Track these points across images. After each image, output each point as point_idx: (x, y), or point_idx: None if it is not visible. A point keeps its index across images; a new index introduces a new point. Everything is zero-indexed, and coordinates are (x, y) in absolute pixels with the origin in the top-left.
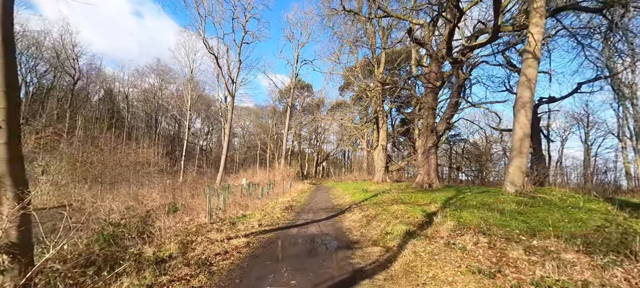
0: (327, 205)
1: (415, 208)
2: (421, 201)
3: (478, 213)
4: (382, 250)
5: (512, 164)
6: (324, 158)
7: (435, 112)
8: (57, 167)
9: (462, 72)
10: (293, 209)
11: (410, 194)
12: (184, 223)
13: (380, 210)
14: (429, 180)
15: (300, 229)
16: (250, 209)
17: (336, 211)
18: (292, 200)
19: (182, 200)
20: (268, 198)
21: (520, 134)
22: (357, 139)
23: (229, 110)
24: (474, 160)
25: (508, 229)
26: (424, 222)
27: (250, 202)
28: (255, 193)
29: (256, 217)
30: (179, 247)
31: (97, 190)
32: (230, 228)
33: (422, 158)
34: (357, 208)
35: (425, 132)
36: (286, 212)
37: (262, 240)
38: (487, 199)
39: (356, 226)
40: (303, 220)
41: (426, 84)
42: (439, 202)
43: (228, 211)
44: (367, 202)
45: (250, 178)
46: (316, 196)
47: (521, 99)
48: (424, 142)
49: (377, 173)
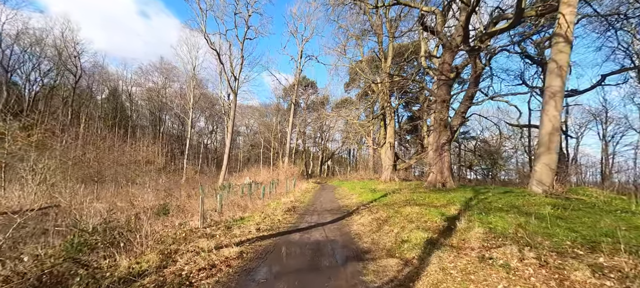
0: (332, 206)
1: (431, 210)
2: (436, 202)
3: (510, 218)
4: (400, 263)
5: (540, 161)
6: (328, 156)
7: (448, 106)
8: (46, 165)
9: (480, 61)
10: (296, 210)
11: (423, 194)
12: (173, 228)
13: (392, 213)
14: (442, 179)
15: (303, 235)
16: (250, 211)
17: (343, 213)
18: (295, 200)
19: (177, 200)
20: (270, 198)
21: (549, 127)
22: (362, 136)
23: (232, 107)
24: (488, 157)
25: (556, 240)
26: (445, 228)
27: (250, 203)
28: (257, 193)
29: (255, 219)
30: (159, 259)
31: (91, 189)
32: (224, 233)
33: (434, 155)
34: (365, 210)
35: (438, 127)
36: (288, 214)
37: (259, 249)
38: (514, 201)
39: (366, 231)
40: (306, 223)
41: (439, 76)
42: (458, 204)
43: (225, 213)
44: (376, 202)
45: (254, 177)
46: (321, 196)
47: (550, 89)
48: (436, 138)
49: (385, 172)
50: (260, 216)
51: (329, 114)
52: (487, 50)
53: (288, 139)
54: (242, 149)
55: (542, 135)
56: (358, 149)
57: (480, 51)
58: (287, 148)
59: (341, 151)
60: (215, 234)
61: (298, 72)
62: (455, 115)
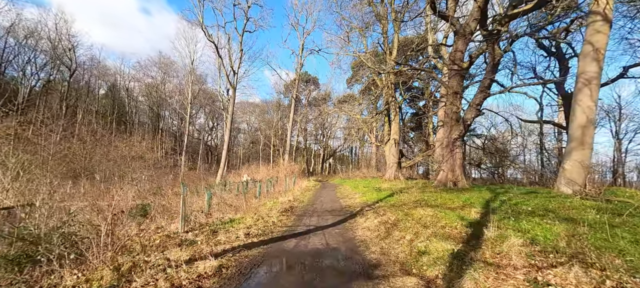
0: (334, 206)
1: (447, 213)
2: (451, 203)
3: (550, 226)
4: (421, 284)
5: (571, 158)
6: (330, 154)
7: (461, 99)
8: (20, 159)
9: (499, 47)
10: (294, 211)
11: (434, 194)
12: (148, 233)
13: (401, 215)
14: (453, 177)
15: (299, 241)
16: (243, 211)
17: (345, 214)
18: (294, 199)
19: (165, 199)
20: (268, 197)
21: (582, 119)
22: (365, 133)
23: (231, 102)
24: (499, 155)
25: (629, 258)
26: (469, 236)
27: (245, 202)
28: (253, 191)
29: (246, 222)
30: (113, 277)
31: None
32: (207, 239)
33: (445, 152)
34: (370, 212)
35: (450, 121)
36: (285, 216)
37: (243, 262)
38: (544, 203)
39: (373, 237)
40: (304, 226)
41: (450, 66)
42: (478, 206)
43: (214, 214)
44: (382, 203)
45: (253, 175)
46: (321, 195)
47: (585, 75)
48: (447, 133)
49: (389, 170)
50: (253, 218)
51: (330, 110)
52: (509, 34)
53: (288, 135)
54: (243, 146)
55: (574, 129)
56: (360, 147)
57: (499, 36)
58: (287, 146)
59: (343, 149)
60: (196, 240)
61: (299, 66)
62: (469, 107)
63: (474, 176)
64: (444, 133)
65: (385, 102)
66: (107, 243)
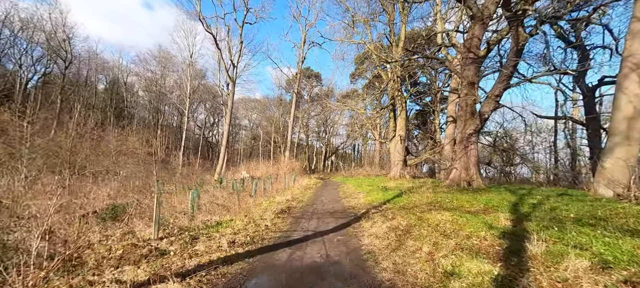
0: (336, 207)
1: (470, 219)
2: (470, 206)
3: (613, 241)
4: None
5: (613, 155)
6: (332, 152)
7: (477, 90)
8: None
9: (524, 30)
10: (291, 212)
11: (448, 195)
12: (113, 240)
13: (414, 220)
14: (467, 176)
15: (294, 252)
16: (234, 212)
17: (348, 217)
18: (292, 198)
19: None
20: (265, 195)
21: (628, 110)
22: (368, 130)
23: (230, 97)
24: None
25: None
26: (506, 251)
27: (239, 202)
28: (249, 189)
29: (235, 225)
30: None
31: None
32: (182, 249)
33: (458, 148)
34: (377, 215)
35: (464, 115)
36: (280, 218)
37: (218, 284)
38: (589, 209)
39: (382, 247)
40: (302, 231)
41: (465, 55)
42: (504, 210)
43: (200, 216)
44: (390, 204)
45: (252, 172)
46: (323, 194)
47: (632, 58)
48: (461, 127)
49: (394, 168)
50: (244, 221)
51: (333, 105)
52: (538, 14)
53: (289, 130)
54: (241, 142)
55: (618, 121)
56: (363, 144)
57: (524, 16)
58: (288, 142)
59: (346, 146)
60: (169, 251)
61: (301, 59)
62: (486, 99)
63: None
64: (454, 129)
65: (391, 97)
66: (42, 257)
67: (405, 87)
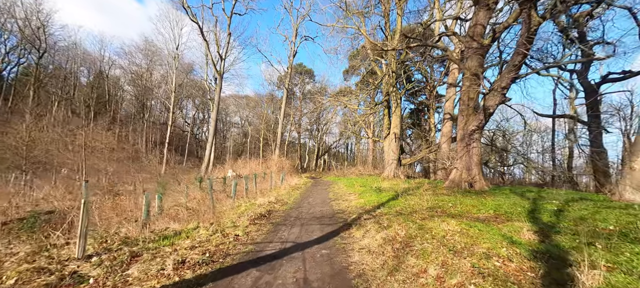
0: (323, 210)
1: (481, 229)
2: (477, 212)
3: None
4: None
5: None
6: (325, 150)
7: (480, 82)
8: None
9: (536, 13)
10: (271, 217)
11: (449, 198)
12: (14, 261)
13: (414, 229)
14: (469, 177)
15: (262, 275)
16: (202, 218)
17: (337, 223)
18: (276, 200)
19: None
20: (247, 196)
21: None
22: (361, 128)
23: (217, 91)
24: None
25: None
26: (548, 282)
27: (212, 205)
28: (229, 189)
29: (198, 236)
30: None
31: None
32: (110, 273)
33: (459, 146)
34: (370, 221)
35: (466, 109)
36: (257, 225)
37: None
38: (628, 219)
39: (376, 267)
40: (279, 243)
41: (468, 44)
42: (522, 219)
43: (158, 223)
44: (384, 208)
45: (240, 170)
46: (311, 195)
47: None
48: (463, 124)
49: (387, 167)
50: (210, 229)
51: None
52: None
53: (279, 127)
54: (231, 140)
55: None
56: (356, 143)
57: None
58: (278, 139)
59: (338, 145)
60: (89, 277)
61: (292, 53)
62: (491, 92)
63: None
64: (451, 126)
65: (385, 93)
66: None
67: (401, 83)
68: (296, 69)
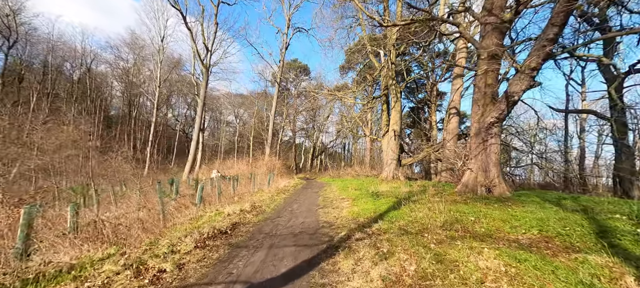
0: (306, 223)
1: (539, 267)
2: (513, 231)
3: None
4: None
5: None
6: (321, 150)
7: (499, 65)
8: None
9: None
10: (234, 234)
11: (467, 208)
12: None
13: (428, 260)
14: (487, 180)
15: None
16: (132, 238)
17: (319, 244)
18: (253, 207)
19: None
20: (219, 202)
21: None
22: (358, 126)
23: (203, 85)
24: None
25: None
26: None
27: (162, 218)
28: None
29: (97, 274)
30: None
31: None
32: None
33: (474, 143)
34: (364, 243)
35: (482, 98)
36: (206, 249)
37: None
38: None
39: None
40: (221, 285)
41: (485, 20)
42: (598, 248)
43: (63, 247)
44: (383, 222)
45: (227, 171)
46: (298, 199)
47: None
48: (479, 115)
49: (387, 168)
50: (120, 261)
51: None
52: None
53: (271, 125)
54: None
55: None
56: (353, 143)
57: None
58: (269, 138)
59: (335, 145)
60: None
61: (284, 45)
62: (516, 75)
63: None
64: (457, 122)
65: (384, 87)
66: None
67: (401, 76)
68: (291, 65)
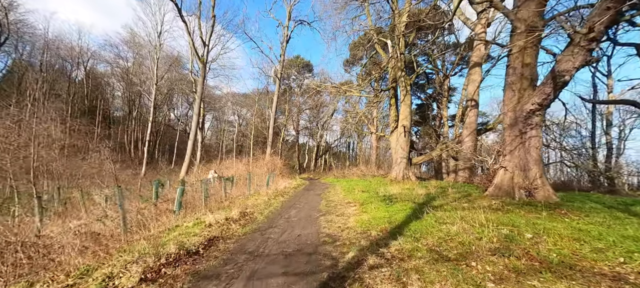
0: (304, 236)
1: None
2: (598, 258)
3: None
4: None
5: None
6: (325, 149)
7: (539, 41)
8: None
9: None
10: (206, 254)
11: (513, 219)
12: None
13: None
14: (527, 182)
15: None
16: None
17: (319, 273)
18: (242, 214)
19: None
20: (205, 207)
21: None
22: (363, 123)
23: (200, 82)
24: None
25: None
26: None
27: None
28: (194, 195)
29: None
30: None
31: None
32: None
33: (510, 136)
34: (382, 273)
35: (518, 81)
36: (156, 285)
37: None
38: None
39: None
40: None
41: None
42: None
43: None
44: (405, 239)
45: (225, 171)
46: (298, 203)
47: None
48: (514, 102)
49: (396, 167)
50: None
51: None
52: None
53: (271, 122)
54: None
55: None
56: (358, 141)
57: None
58: (270, 136)
59: (340, 144)
60: None
61: (285, 39)
62: (570, 49)
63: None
64: (475, 116)
65: (392, 79)
66: None
67: (410, 68)
68: (293, 62)
